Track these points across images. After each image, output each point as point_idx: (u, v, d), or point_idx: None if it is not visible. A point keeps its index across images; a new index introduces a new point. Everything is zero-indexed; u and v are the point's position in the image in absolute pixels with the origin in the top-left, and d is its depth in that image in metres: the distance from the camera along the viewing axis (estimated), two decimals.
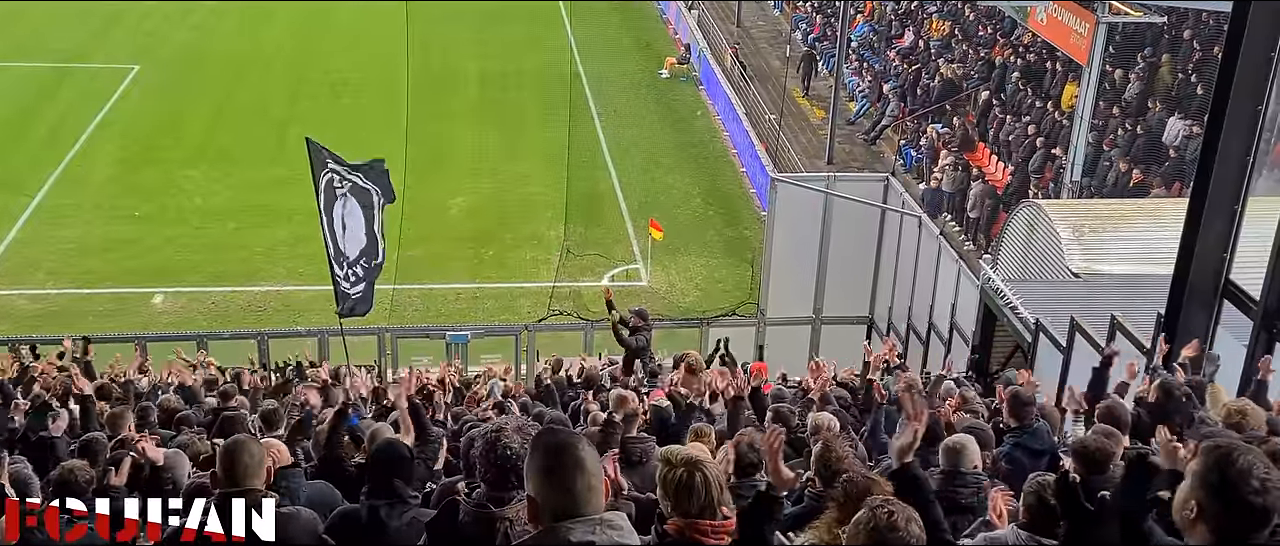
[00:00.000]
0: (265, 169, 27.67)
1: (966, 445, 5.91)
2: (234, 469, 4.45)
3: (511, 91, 33.35)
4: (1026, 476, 5.52)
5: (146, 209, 25.53)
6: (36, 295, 21.89)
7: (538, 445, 3.27)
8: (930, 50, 29.54)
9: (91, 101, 31.48)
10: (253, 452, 4.56)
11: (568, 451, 3.17)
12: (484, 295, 22.33)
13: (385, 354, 19.11)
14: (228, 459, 4.50)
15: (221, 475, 4.49)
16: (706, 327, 19.80)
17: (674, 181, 28.04)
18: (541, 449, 3.24)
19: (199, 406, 10.92)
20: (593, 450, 3.25)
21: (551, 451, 3.19)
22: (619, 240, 24.83)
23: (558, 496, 3.13)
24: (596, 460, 3.22)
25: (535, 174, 27.70)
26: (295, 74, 34.56)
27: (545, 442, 3.25)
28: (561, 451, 3.17)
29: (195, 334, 19.34)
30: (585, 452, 3.19)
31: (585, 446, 3.22)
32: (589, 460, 3.18)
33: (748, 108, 29.98)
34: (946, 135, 25.15)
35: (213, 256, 23.51)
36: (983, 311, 15.13)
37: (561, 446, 3.19)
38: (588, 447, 3.22)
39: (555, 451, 3.18)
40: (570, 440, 3.23)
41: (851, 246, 19.23)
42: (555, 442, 3.22)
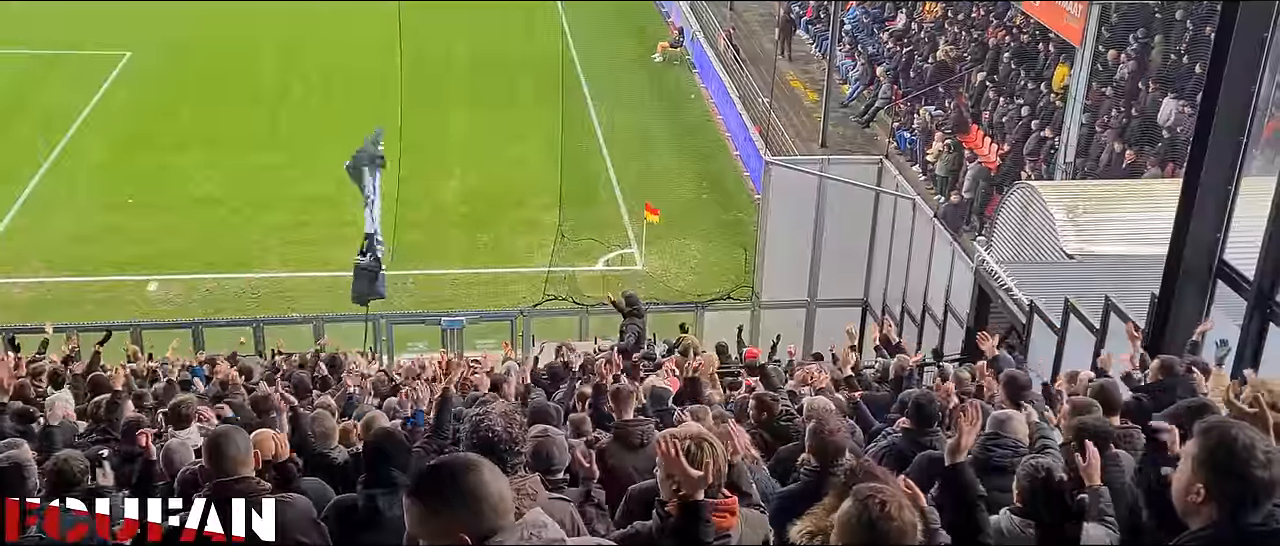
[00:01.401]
0: (257, 155, 27.64)
1: (1013, 416, 6.05)
2: (222, 457, 4.47)
3: (505, 76, 33.24)
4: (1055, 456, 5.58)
5: (139, 196, 25.46)
6: (30, 283, 21.85)
7: (432, 484, 2.97)
8: (923, 32, 29.51)
9: (83, 89, 31.34)
10: (239, 443, 4.57)
11: (464, 476, 2.92)
12: (479, 280, 22.33)
13: (381, 340, 19.12)
14: (214, 448, 4.52)
15: (209, 466, 4.51)
16: (701, 312, 19.83)
17: (668, 165, 28.03)
18: (433, 481, 2.96)
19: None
20: (490, 466, 2.99)
21: (450, 479, 2.93)
22: (613, 224, 24.82)
23: (474, 521, 2.87)
24: (497, 473, 2.98)
25: (529, 159, 27.66)
26: (287, 59, 34.44)
27: (441, 478, 2.96)
28: (457, 477, 2.91)
29: (190, 321, 19.36)
30: (483, 471, 2.93)
31: (480, 467, 2.95)
32: (493, 475, 2.94)
33: (741, 91, 29.95)
34: (940, 117, 25.14)
35: (206, 243, 23.47)
36: (977, 293, 15.17)
37: (456, 473, 2.93)
38: (482, 467, 2.96)
39: (451, 479, 2.92)
40: (463, 464, 2.97)
41: (846, 229, 19.27)
42: (450, 470, 2.95)
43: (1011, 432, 5.89)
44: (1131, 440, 6.17)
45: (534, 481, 4.31)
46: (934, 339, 16.42)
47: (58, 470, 5.81)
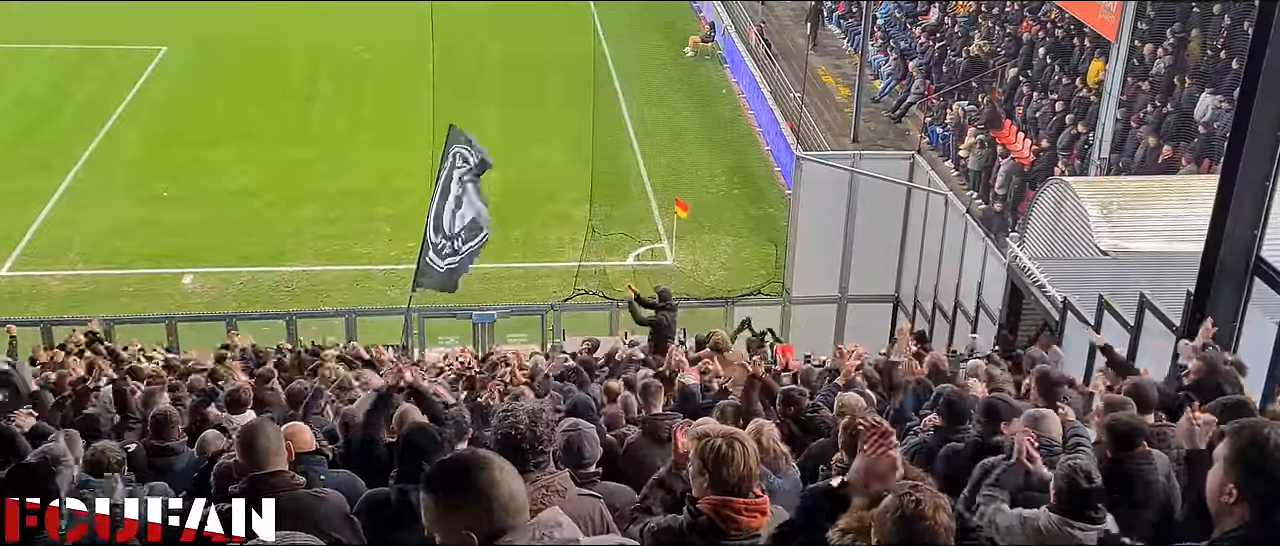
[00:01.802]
0: (290, 150, 27.84)
1: (1047, 415, 6.03)
2: (255, 450, 4.48)
3: (536, 72, 33.30)
4: (1057, 456, 5.53)
5: (175, 190, 25.71)
6: (68, 276, 22.10)
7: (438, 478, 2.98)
8: (956, 27, 29.33)
9: (120, 83, 31.69)
10: (270, 434, 4.59)
11: (475, 474, 2.92)
12: (510, 275, 22.39)
13: (412, 334, 19.22)
14: (247, 441, 4.53)
15: (243, 459, 4.52)
16: (731, 307, 19.82)
17: (699, 160, 28.00)
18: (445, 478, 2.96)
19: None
20: (503, 464, 2.99)
21: (459, 477, 2.94)
22: (644, 219, 24.84)
23: (482, 519, 2.89)
24: (512, 472, 2.98)
25: (560, 154, 27.72)
26: (320, 55, 34.65)
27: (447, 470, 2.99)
28: (469, 474, 2.92)
29: (224, 314, 19.52)
30: (494, 470, 2.93)
31: (491, 465, 2.95)
32: (504, 474, 2.94)
33: (772, 86, 29.86)
34: (973, 112, 24.99)
35: (240, 237, 23.67)
36: (1010, 289, 15.08)
37: (468, 470, 2.94)
38: (496, 464, 2.96)
39: (463, 476, 2.93)
40: (475, 462, 2.96)
41: (877, 224, 19.17)
42: (461, 468, 2.96)
43: (1046, 431, 5.86)
44: (1166, 438, 6.13)
45: (563, 478, 4.32)
46: (965, 335, 16.33)
47: (93, 460, 5.88)
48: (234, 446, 4.65)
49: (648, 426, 6.82)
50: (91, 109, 29.93)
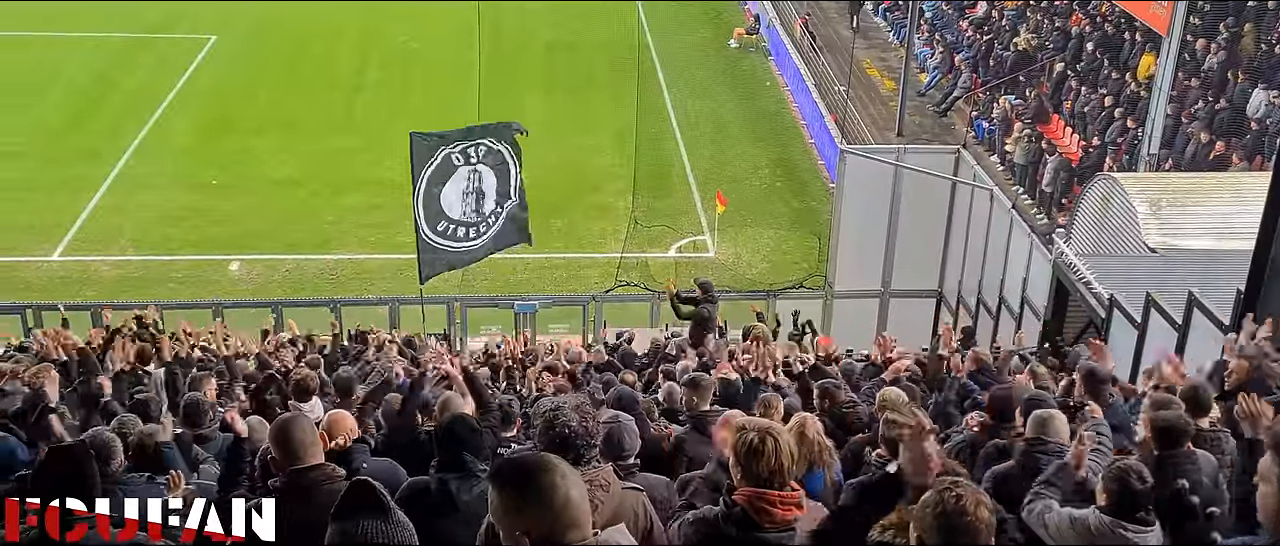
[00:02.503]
0: (336, 138, 28.09)
1: (1054, 417, 5.89)
2: (290, 444, 4.48)
3: (581, 63, 33.37)
4: (1105, 455, 5.47)
5: (223, 177, 26.02)
6: (118, 262, 22.42)
7: (501, 477, 2.97)
8: (1004, 20, 29.03)
9: (170, 71, 32.08)
10: (304, 428, 4.57)
11: (538, 477, 2.91)
12: (552, 265, 22.46)
13: (455, 323, 19.32)
14: (281, 436, 4.52)
15: (279, 455, 4.52)
16: (773, 300, 19.75)
17: (742, 152, 27.94)
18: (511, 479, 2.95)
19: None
20: (569, 470, 2.98)
21: (520, 482, 2.93)
22: (686, 211, 24.83)
23: (540, 525, 2.89)
24: (577, 479, 2.98)
25: (604, 145, 27.76)
26: (366, 44, 34.91)
27: (511, 472, 2.97)
28: (532, 478, 2.92)
29: (270, 300, 19.72)
30: (558, 474, 2.92)
31: (556, 470, 2.94)
32: (566, 481, 2.92)
33: (817, 78, 29.72)
34: (1020, 107, 24.74)
35: (286, 224, 23.92)
36: (1055, 286, 14.92)
37: (530, 473, 2.93)
38: (563, 467, 2.97)
39: (525, 477, 2.93)
40: (538, 466, 2.95)
41: (921, 219, 19.03)
42: (525, 469, 2.96)
43: (1054, 435, 5.78)
44: (1219, 443, 6.05)
45: (607, 472, 4.32)
46: (1010, 332, 16.19)
47: (140, 445, 5.94)
48: (270, 440, 4.63)
49: (696, 421, 6.83)
50: (141, 97, 30.33)
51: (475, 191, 14.81)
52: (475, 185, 14.81)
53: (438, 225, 14.69)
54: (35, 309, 18.53)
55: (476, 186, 14.82)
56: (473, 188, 14.80)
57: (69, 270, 22.06)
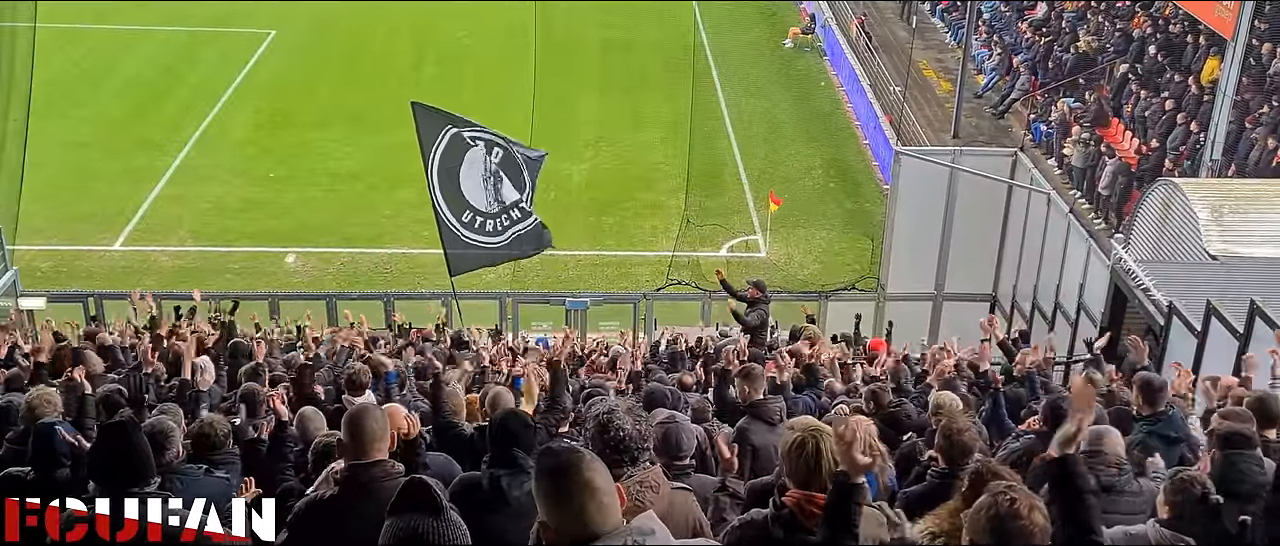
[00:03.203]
0: (392, 132, 28.23)
1: (1109, 432, 5.80)
2: (361, 436, 4.49)
3: (635, 61, 33.42)
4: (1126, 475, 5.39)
5: (280, 171, 26.35)
6: (177, 252, 22.78)
7: (540, 470, 3.09)
8: (1064, 22, 28.65)
9: (231, 65, 32.55)
10: (378, 420, 4.58)
11: (570, 474, 3.01)
12: (603, 262, 22.52)
13: (506, 319, 19.43)
14: (352, 426, 4.52)
15: (347, 442, 4.53)
16: (825, 301, 19.67)
17: (795, 152, 27.83)
18: (544, 474, 3.06)
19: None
20: (599, 463, 3.08)
21: (553, 475, 3.04)
22: (738, 210, 24.78)
23: (569, 522, 2.99)
24: (606, 474, 3.07)
25: (657, 143, 27.77)
26: (423, 39, 35.19)
27: (546, 467, 3.07)
28: (563, 474, 3.02)
29: (324, 293, 19.96)
30: (591, 470, 3.03)
31: (589, 463, 3.05)
32: (597, 477, 3.02)
33: (872, 79, 29.53)
34: (1079, 110, 24.42)
35: (342, 218, 24.17)
36: (1112, 292, 14.72)
37: (562, 469, 3.03)
38: (592, 464, 3.05)
39: (557, 475, 3.03)
40: (572, 460, 3.05)
41: (976, 222, 18.87)
42: (556, 466, 3.05)
43: (1110, 448, 5.70)
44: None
45: (656, 473, 4.33)
46: (1065, 338, 16.00)
47: (202, 433, 6.02)
48: (341, 427, 4.68)
49: (755, 411, 6.84)
50: (202, 90, 30.80)
51: (493, 175, 14.67)
52: (492, 168, 14.67)
53: (463, 215, 14.63)
54: (97, 298, 18.91)
55: (493, 169, 14.68)
56: (489, 171, 14.67)
57: (130, 260, 22.45)
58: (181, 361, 7.87)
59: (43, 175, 22.79)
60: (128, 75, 32.04)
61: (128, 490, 4.28)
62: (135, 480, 4.35)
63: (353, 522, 4.34)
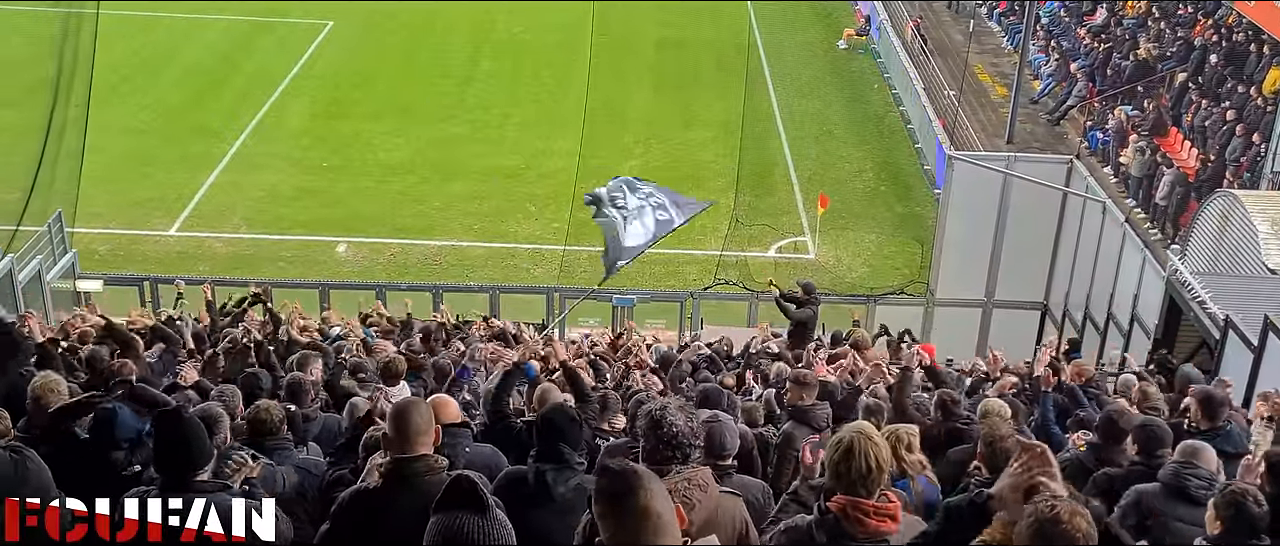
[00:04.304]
0: (445, 125, 28.54)
1: (1205, 449, 5.79)
2: (406, 430, 4.50)
3: (689, 59, 33.41)
4: None
5: (334, 161, 26.62)
6: (231, 239, 23.09)
7: (598, 489, 3.13)
8: (1124, 29, 28.25)
9: (287, 55, 32.92)
10: (423, 414, 4.57)
11: (626, 501, 3.06)
12: (651, 260, 22.49)
13: (553, 314, 19.51)
14: (398, 421, 4.53)
15: (393, 436, 4.54)
16: (873, 304, 19.57)
17: (847, 154, 27.70)
18: (602, 495, 3.11)
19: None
20: (656, 484, 3.12)
21: (611, 498, 3.09)
22: (788, 211, 24.70)
23: (624, 538, 3.05)
24: (663, 495, 3.10)
25: (708, 142, 27.75)
26: (480, 34, 35.38)
27: (604, 487, 3.12)
28: (619, 499, 3.07)
29: (374, 283, 20.15)
30: (648, 495, 3.06)
31: (646, 487, 3.07)
32: (654, 501, 3.06)
33: (926, 82, 29.27)
34: (1137, 118, 24.06)
35: (394, 209, 24.38)
36: (1167, 304, 14.52)
37: (619, 495, 3.08)
38: (649, 487, 3.08)
39: (614, 499, 3.08)
40: (630, 486, 3.08)
41: (1029, 229, 18.71)
42: (614, 489, 3.10)
43: (1205, 463, 5.64)
44: None
45: (705, 473, 4.31)
46: (1117, 349, 15.81)
47: (257, 419, 6.10)
48: (386, 420, 4.70)
49: (800, 417, 6.82)
50: (260, 79, 31.18)
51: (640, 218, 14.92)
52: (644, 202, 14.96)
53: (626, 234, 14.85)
54: (153, 282, 19.21)
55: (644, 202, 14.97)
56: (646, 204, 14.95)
57: (185, 245, 22.78)
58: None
59: (102, 160, 23.18)
60: (187, 63, 32.49)
61: (183, 478, 4.34)
62: (190, 466, 4.39)
63: (395, 515, 4.37)
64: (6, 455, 4.53)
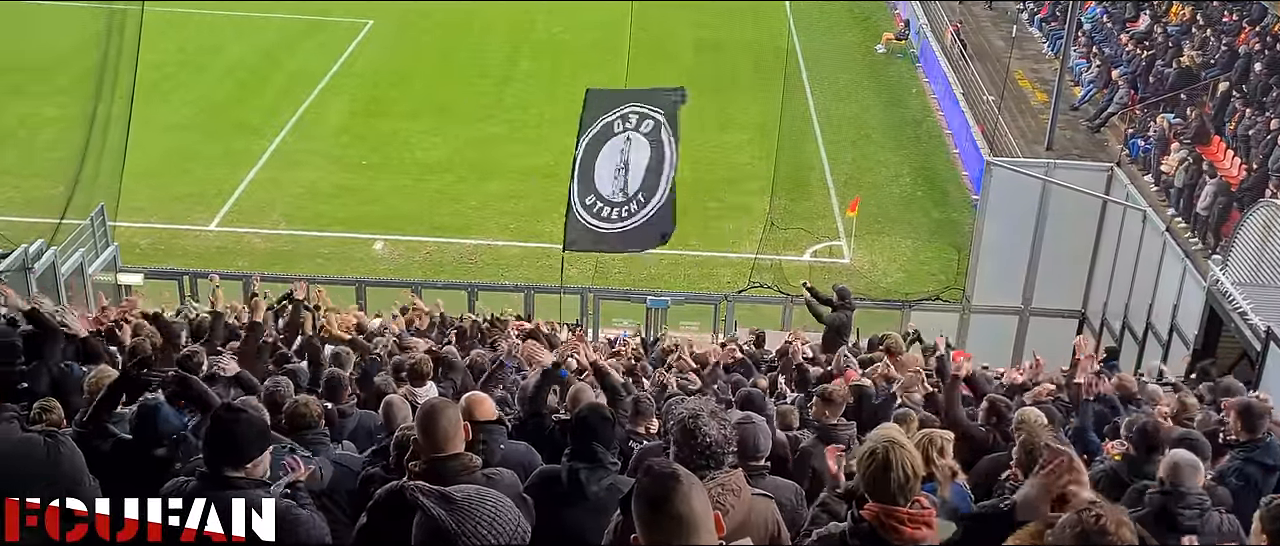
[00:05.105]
0: (480, 126, 28.68)
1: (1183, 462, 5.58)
2: (433, 432, 4.49)
3: (727, 61, 33.39)
4: (1258, 494, 5.25)
5: (373, 158, 26.81)
6: (270, 235, 23.30)
7: (638, 492, 3.14)
8: (1166, 36, 27.96)
9: (328, 54, 33.17)
10: (450, 417, 4.56)
11: (664, 506, 3.08)
12: (686, 262, 22.52)
13: (587, 314, 19.55)
14: (425, 423, 4.53)
15: (421, 439, 4.55)
16: (907, 310, 19.47)
17: (884, 159, 27.58)
18: (641, 498, 3.12)
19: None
20: (697, 484, 3.14)
21: (650, 503, 3.11)
22: (823, 215, 24.63)
23: (663, 540, 3.06)
24: (702, 501, 3.11)
25: (744, 144, 27.73)
26: (517, 33, 35.52)
27: (643, 491, 3.13)
28: (657, 505, 3.08)
29: (410, 281, 20.25)
30: (685, 503, 3.07)
31: (684, 493, 3.08)
32: (692, 508, 3.08)
33: (965, 87, 29.11)
34: (1179, 126, 23.81)
35: (430, 207, 24.51)
36: (1207, 314, 14.36)
37: (658, 500, 3.09)
38: (687, 493, 3.09)
39: (653, 503, 3.10)
40: (668, 490, 3.10)
41: (1068, 237, 18.54)
42: (653, 494, 3.11)
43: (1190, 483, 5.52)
44: None
45: (738, 477, 4.30)
46: (1155, 359, 15.64)
47: (297, 412, 6.15)
48: (414, 424, 4.72)
49: (824, 435, 6.79)
50: (300, 77, 31.45)
51: (624, 165, 15.00)
52: (624, 158, 15.01)
53: (587, 198, 15.01)
54: (193, 276, 19.43)
55: (625, 159, 15.01)
56: (622, 160, 15.02)
57: (224, 240, 23.02)
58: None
59: (145, 155, 23.44)
60: (230, 61, 32.83)
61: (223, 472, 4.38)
62: (234, 461, 4.43)
63: None
64: (40, 440, 4.58)
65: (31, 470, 4.43)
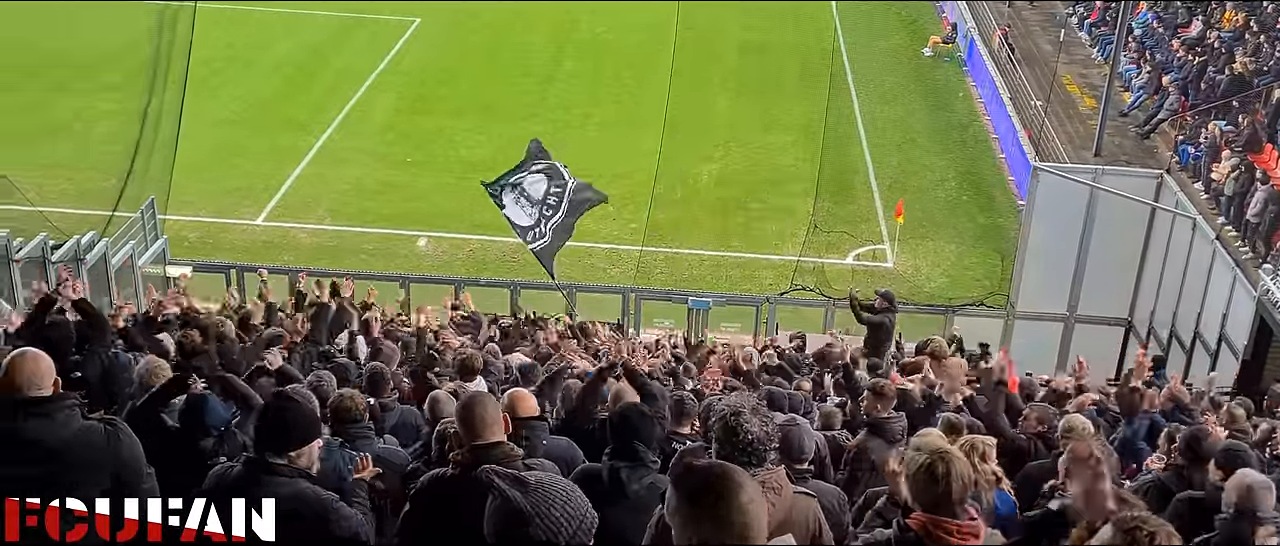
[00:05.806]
0: (523, 125, 28.69)
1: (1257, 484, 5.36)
2: (472, 421, 4.54)
3: (772, 63, 33.28)
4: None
5: (418, 156, 26.98)
6: (315, 230, 23.51)
7: (681, 490, 3.03)
8: (1219, 42, 27.56)
9: (375, 51, 33.42)
10: (489, 407, 4.61)
11: (705, 502, 2.96)
12: (728, 263, 22.49)
13: (628, 314, 19.58)
14: (465, 413, 4.57)
15: (461, 428, 4.58)
16: (951, 315, 19.34)
17: (929, 163, 27.39)
18: (684, 495, 3.01)
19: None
20: (748, 481, 3.01)
21: (692, 500, 2.98)
22: (867, 219, 24.49)
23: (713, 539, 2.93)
24: (749, 496, 2.97)
25: (788, 146, 27.63)
26: (561, 33, 35.60)
27: (686, 487, 3.01)
28: (699, 501, 2.97)
29: (453, 278, 20.39)
30: (725, 504, 2.94)
31: (735, 482, 2.98)
32: (742, 496, 2.95)
33: (1013, 92, 28.83)
34: (1230, 133, 23.46)
35: (474, 205, 24.54)
36: (1258, 325, 14.16)
37: (698, 496, 2.97)
38: (730, 492, 2.96)
39: (694, 500, 2.98)
40: (719, 481, 2.99)
41: (1115, 244, 18.35)
42: (694, 489, 2.99)
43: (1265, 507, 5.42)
44: None
45: (779, 475, 4.30)
46: (1203, 370, 15.44)
47: (342, 406, 6.21)
48: (454, 417, 4.76)
49: (875, 427, 6.78)
50: (348, 74, 31.69)
51: (523, 197, 15.48)
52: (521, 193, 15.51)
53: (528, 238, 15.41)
54: (240, 270, 19.66)
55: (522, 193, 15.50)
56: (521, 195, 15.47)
57: (271, 235, 23.26)
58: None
59: (194, 150, 23.71)
60: (278, 57, 33.15)
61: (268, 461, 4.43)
62: (281, 446, 4.49)
63: (472, 501, 4.42)
64: (100, 427, 4.65)
65: (93, 457, 4.50)
